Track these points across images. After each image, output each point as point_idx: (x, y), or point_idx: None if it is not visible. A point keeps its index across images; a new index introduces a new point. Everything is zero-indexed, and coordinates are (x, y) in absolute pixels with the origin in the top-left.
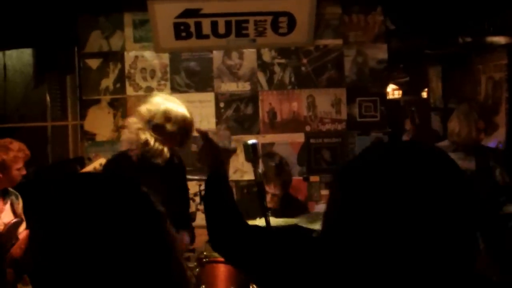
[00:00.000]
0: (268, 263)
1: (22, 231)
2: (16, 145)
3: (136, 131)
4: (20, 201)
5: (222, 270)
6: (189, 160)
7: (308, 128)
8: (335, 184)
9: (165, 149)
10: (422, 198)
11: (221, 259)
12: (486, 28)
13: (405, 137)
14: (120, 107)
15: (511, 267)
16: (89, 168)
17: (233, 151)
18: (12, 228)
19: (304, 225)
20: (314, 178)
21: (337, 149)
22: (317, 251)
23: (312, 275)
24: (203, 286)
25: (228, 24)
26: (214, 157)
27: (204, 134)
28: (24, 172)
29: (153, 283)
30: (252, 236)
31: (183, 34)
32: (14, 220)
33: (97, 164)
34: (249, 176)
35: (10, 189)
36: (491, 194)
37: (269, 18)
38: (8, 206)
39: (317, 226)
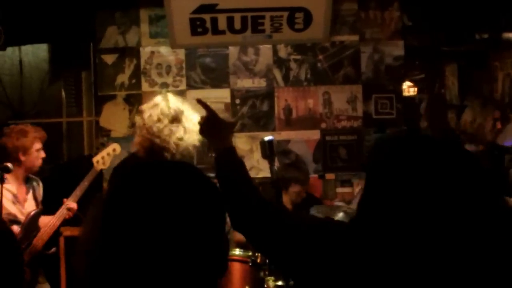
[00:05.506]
0: (288, 241)
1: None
2: (31, 127)
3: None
4: (41, 186)
5: (236, 268)
6: (205, 158)
7: (323, 125)
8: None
9: None
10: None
11: (236, 257)
12: (503, 24)
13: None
14: (136, 103)
15: None
16: (101, 154)
17: (234, 124)
18: (33, 219)
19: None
20: (330, 176)
21: (353, 146)
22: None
23: (335, 261)
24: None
25: (244, 19)
26: (219, 130)
27: (205, 105)
28: (43, 154)
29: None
30: (275, 213)
31: (199, 29)
32: (35, 211)
33: (110, 149)
34: (265, 173)
35: (31, 175)
36: (505, 195)
37: (285, 14)
38: (30, 195)
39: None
